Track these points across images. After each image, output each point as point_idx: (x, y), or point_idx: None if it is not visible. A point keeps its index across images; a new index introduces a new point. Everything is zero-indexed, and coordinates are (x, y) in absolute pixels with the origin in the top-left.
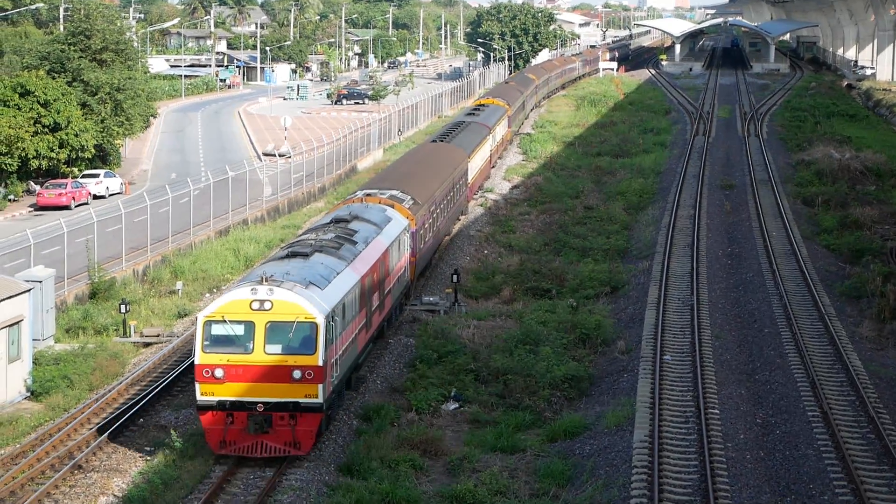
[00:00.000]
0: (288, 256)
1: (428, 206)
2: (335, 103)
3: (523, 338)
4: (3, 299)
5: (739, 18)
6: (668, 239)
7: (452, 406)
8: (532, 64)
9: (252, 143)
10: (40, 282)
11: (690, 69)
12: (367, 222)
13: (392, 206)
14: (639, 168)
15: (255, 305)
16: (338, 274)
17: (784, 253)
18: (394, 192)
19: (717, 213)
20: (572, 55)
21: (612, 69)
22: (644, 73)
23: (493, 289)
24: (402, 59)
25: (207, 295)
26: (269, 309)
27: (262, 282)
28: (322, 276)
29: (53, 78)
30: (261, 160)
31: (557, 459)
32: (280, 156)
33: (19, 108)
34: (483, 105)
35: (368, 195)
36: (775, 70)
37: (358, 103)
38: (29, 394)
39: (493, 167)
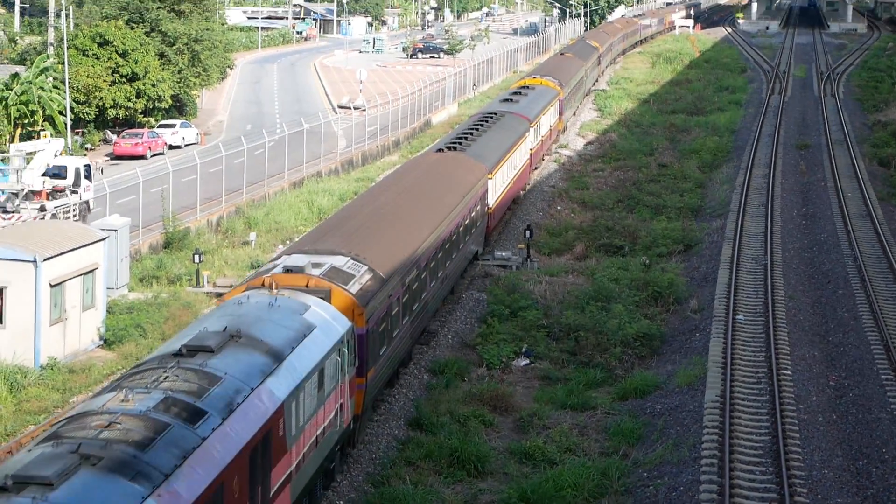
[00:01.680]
0: None
1: (401, 276)
2: (410, 57)
3: (595, 295)
4: (79, 247)
5: None
6: (743, 198)
7: (523, 362)
8: (607, 20)
9: (327, 96)
10: (115, 231)
11: (767, 28)
12: (253, 350)
13: (327, 294)
14: (713, 126)
15: None
16: None
17: (859, 214)
18: (337, 262)
19: (792, 173)
20: (634, 16)
21: (688, 27)
22: (720, 32)
23: (566, 245)
24: (494, 7)
25: (280, 246)
26: None
27: None
28: None
29: (132, 28)
30: (336, 113)
31: (628, 418)
32: (355, 108)
33: (98, 58)
34: (527, 87)
35: (289, 271)
36: (852, 30)
37: (433, 57)
38: (102, 342)
39: (536, 168)
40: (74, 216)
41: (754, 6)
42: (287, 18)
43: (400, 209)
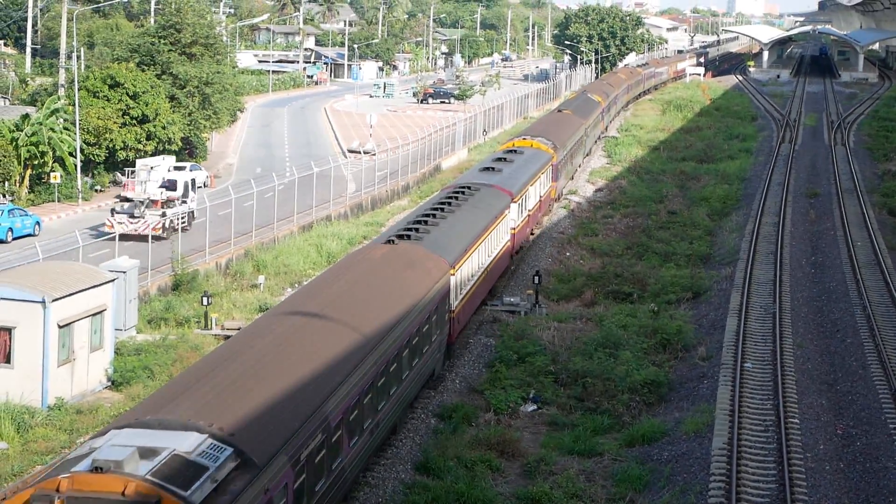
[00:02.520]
0: None
1: (292, 453)
2: (421, 102)
3: (603, 341)
4: (88, 289)
5: (828, 27)
6: (752, 246)
7: (531, 407)
8: (613, 71)
9: (337, 140)
10: (124, 272)
11: (778, 76)
12: None
13: None
14: (723, 174)
15: None
16: None
17: (868, 263)
18: (184, 444)
19: (802, 222)
20: (638, 66)
21: (699, 74)
22: (731, 79)
23: (575, 291)
24: (506, 53)
25: (289, 289)
26: None
27: None
28: None
29: (143, 70)
30: (346, 157)
31: (635, 464)
32: (365, 153)
33: (108, 100)
34: (514, 151)
35: (97, 470)
36: (863, 79)
37: (444, 102)
38: (110, 383)
39: (518, 252)
40: (184, 223)
41: (765, 54)
42: (298, 62)
43: (312, 337)
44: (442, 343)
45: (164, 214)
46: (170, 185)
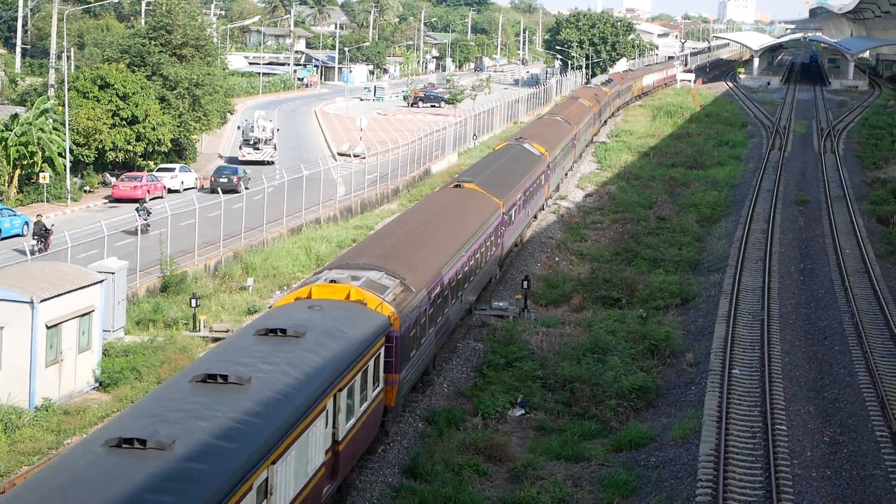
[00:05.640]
0: None
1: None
2: (411, 106)
3: (592, 346)
4: (76, 289)
5: (819, 34)
6: (741, 252)
7: (518, 412)
8: (576, 90)
9: (327, 143)
10: (113, 273)
11: (768, 83)
12: None
13: None
14: (713, 180)
15: None
16: None
17: (857, 271)
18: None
19: (791, 229)
20: (603, 83)
21: (690, 81)
22: (721, 86)
23: (563, 296)
24: (496, 58)
25: (277, 292)
26: None
27: None
28: None
29: (133, 71)
30: (335, 160)
31: (622, 470)
32: (355, 156)
33: (98, 101)
34: (283, 332)
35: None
36: (854, 87)
37: (434, 106)
38: (97, 384)
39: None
40: (274, 156)
41: (756, 61)
42: (289, 64)
43: None
44: None
45: (275, 147)
46: (265, 129)
